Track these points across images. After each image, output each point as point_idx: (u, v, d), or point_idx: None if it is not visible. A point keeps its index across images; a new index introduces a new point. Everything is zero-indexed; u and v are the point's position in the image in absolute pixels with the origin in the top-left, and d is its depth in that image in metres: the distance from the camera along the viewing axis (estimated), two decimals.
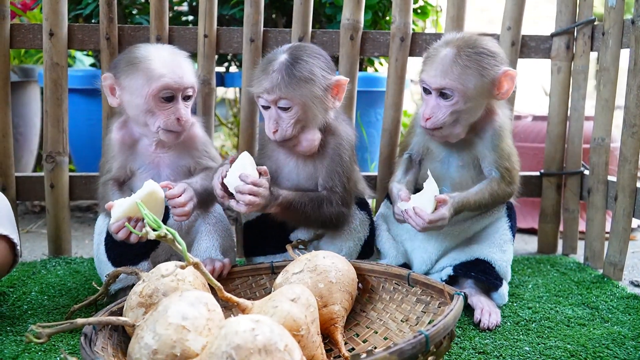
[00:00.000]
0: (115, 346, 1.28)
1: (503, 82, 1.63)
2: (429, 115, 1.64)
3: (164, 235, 1.18)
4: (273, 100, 1.59)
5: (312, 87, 1.58)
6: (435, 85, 1.62)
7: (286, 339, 1.04)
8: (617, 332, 1.53)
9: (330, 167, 1.67)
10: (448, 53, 1.61)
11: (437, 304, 1.38)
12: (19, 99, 2.99)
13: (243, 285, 1.61)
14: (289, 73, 1.57)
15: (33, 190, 2.16)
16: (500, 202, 1.75)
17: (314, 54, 1.63)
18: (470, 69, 1.59)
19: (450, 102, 1.62)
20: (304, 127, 1.63)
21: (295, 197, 1.62)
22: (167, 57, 1.62)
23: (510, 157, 1.72)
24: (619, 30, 1.99)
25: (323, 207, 1.65)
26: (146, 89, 1.58)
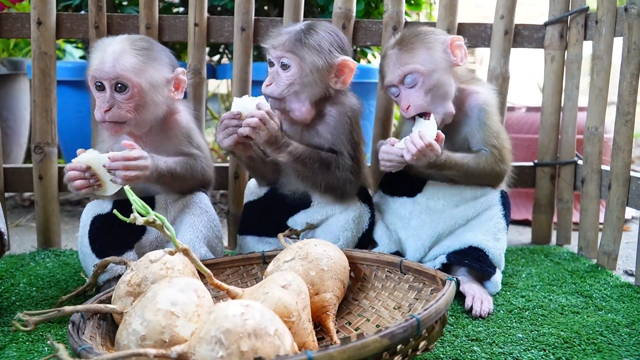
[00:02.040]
0: (103, 335, 1.26)
1: (454, 49, 1.70)
2: (407, 104, 1.68)
3: (152, 221, 1.16)
4: (277, 57, 1.65)
5: (314, 56, 1.63)
6: (396, 79, 1.68)
7: (276, 323, 1.02)
8: (611, 319, 1.52)
9: (334, 133, 1.69)
10: (393, 51, 1.71)
11: (430, 291, 1.37)
12: (8, 92, 2.96)
13: (234, 275, 1.59)
14: (298, 37, 1.65)
15: (22, 181, 2.14)
16: (489, 179, 1.75)
17: (330, 31, 1.70)
18: (418, 49, 1.68)
19: (418, 86, 1.67)
20: (297, 93, 1.65)
21: (306, 150, 1.65)
22: (109, 47, 1.58)
23: (499, 135, 1.74)
24: (612, 18, 1.98)
25: (331, 169, 1.67)
26: (88, 75, 1.60)
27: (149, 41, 1.66)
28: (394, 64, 1.69)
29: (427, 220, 1.75)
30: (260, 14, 2.59)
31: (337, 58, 1.67)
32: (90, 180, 1.52)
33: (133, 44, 1.60)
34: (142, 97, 1.59)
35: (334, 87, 1.69)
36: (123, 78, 1.56)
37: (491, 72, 2.20)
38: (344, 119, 1.70)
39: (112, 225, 1.62)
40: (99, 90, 1.59)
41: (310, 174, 1.66)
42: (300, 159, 1.64)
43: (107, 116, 1.57)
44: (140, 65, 1.58)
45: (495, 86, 2.18)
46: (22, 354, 1.34)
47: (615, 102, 1.92)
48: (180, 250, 1.18)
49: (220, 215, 2.72)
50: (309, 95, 1.67)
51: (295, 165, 1.65)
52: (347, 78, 1.69)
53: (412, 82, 1.67)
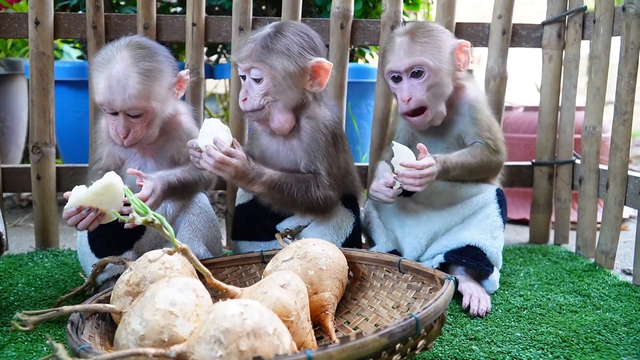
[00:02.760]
0: (102, 335, 1.26)
1: (459, 54, 1.71)
2: (408, 95, 1.67)
3: (151, 220, 1.16)
4: (246, 69, 1.59)
5: (284, 61, 1.56)
6: (403, 66, 1.67)
7: (275, 323, 1.02)
8: (609, 318, 1.52)
9: (308, 150, 1.64)
10: (403, 38, 1.69)
11: (428, 290, 1.37)
12: (5, 92, 2.96)
13: (232, 275, 1.59)
14: (264, 44, 1.56)
15: (19, 181, 2.13)
16: (487, 170, 1.76)
17: (299, 32, 1.61)
18: (429, 44, 1.67)
19: (423, 79, 1.67)
20: (275, 103, 1.60)
21: (281, 177, 1.60)
22: (116, 68, 1.53)
23: (491, 128, 1.76)
24: (610, 18, 1.98)
25: (310, 189, 1.61)
26: (94, 97, 1.59)
27: (151, 54, 1.59)
28: (404, 52, 1.67)
29: (423, 218, 1.76)
30: (258, 14, 2.60)
31: (309, 60, 1.59)
32: (90, 214, 1.47)
33: (136, 64, 1.54)
34: (153, 115, 1.60)
35: (311, 90, 1.62)
36: (136, 107, 1.55)
37: (489, 71, 2.20)
38: (317, 135, 1.63)
39: (111, 224, 1.61)
40: (110, 113, 1.58)
41: (288, 200, 1.61)
42: (276, 187, 1.58)
43: (126, 142, 1.59)
44: (148, 89, 1.55)
45: (493, 86, 2.19)
46: (21, 353, 1.34)
47: (613, 101, 1.92)
48: (179, 250, 1.18)
49: (218, 215, 2.73)
50: (285, 103, 1.61)
51: (272, 193, 1.60)
52: (323, 80, 1.62)
53: (418, 74, 1.66)
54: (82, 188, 1.47)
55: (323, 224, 1.70)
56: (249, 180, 1.54)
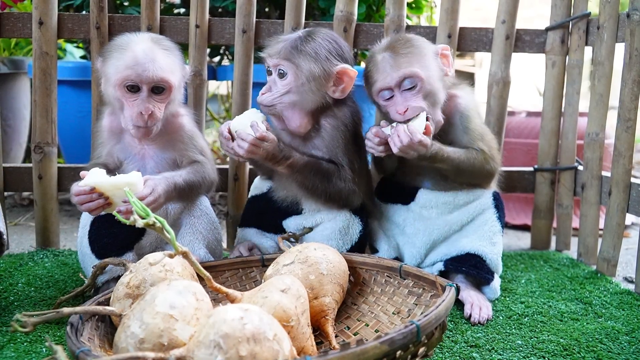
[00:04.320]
0: (102, 337, 1.26)
1: (442, 57, 1.69)
2: (404, 107, 1.62)
3: (152, 223, 1.16)
4: (274, 65, 1.63)
5: (310, 64, 1.60)
6: (394, 81, 1.62)
7: (275, 328, 1.02)
8: (610, 327, 1.52)
9: (329, 147, 1.66)
10: (385, 54, 1.66)
11: (429, 296, 1.37)
12: (8, 91, 2.96)
13: (233, 278, 1.58)
14: (294, 45, 1.61)
15: (21, 181, 2.13)
16: (479, 176, 1.74)
17: (328, 38, 1.66)
18: (413, 54, 1.64)
19: (416, 90, 1.62)
20: (294, 103, 1.62)
21: (308, 161, 1.63)
22: (141, 46, 1.56)
23: (484, 137, 1.74)
24: (614, 24, 1.98)
25: (333, 179, 1.64)
26: (114, 77, 1.56)
27: (167, 39, 1.65)
28: (390, 67, 1.63)
29: (421, 227, 1.75)
30: (262, 16, 2.59)
31: (335, 66, 1.62)
32: (99, 200, 1.48)
33: (159, 42, 1.60)
34: (172, 95, 1.61)
35: (333, 95, 1.64)
36: (163, 81, 1.56)
37: (492, 76, 2.20)
38: (337, 133, 1.66)
39: (112, 226, 1.61)
40: (133, 92, 1.56)
41: (310, 185, 1.64)
42: (300, 170, 1.62)
43: (150, 122, 1.57)
44: (172, 64, 1.60)
45: (495, 91, 2.18)
46: (20, 354, 1.33)
47: (616, 106, 1.91)
48: (179, 253, 1.18)
49: (219, 217, 2.72)
50: (305, 105, 1.63)
51: (295, 176, 1.64)
52: (346, 87, 1.64)
53: (409, 86, 1.62)
54: (101, 172, 1.48)
55: (329, 228, 1.70)
56: (277, 160, 1.60)
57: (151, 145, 1.67)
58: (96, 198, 1.47)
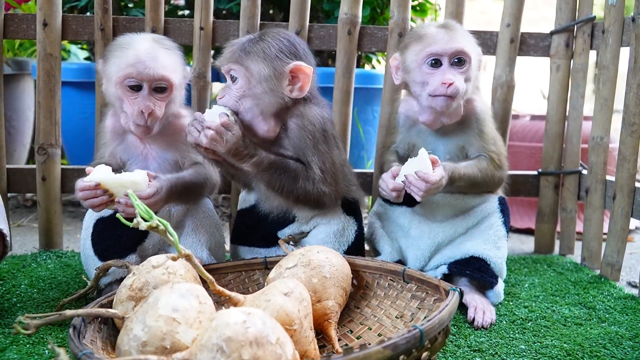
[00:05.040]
0: (104, 339, 1.25)
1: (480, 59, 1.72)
2: (451, 79, 1.61)
3: (155, 226, 1.16)
4: (226, 71, 1.59)
5: (259, 64, 1.54)
6: (451, 50, 1.64)
7: (278, 332, 1.02)
8: (614, 332, 1.51)
9: (297, 147, 1.60)
10: (446, 24, 1.69)
11: (433, 300, 1.36)
12: (12, 92, 2.96)
13: (236, 281, 1.58)
14: (242, 47, 1.56)
15: (24, 182, 2.13)
16: (490, 185, 1.74)
17: (279, 37, 1.59)
18: (468, 37, 1.68)
19: (464, 69, 1.65)
20: (253, 107, 1.56)
21: (274, 160, 1.57)
22: (143, 45, 1.58)
23: (496, 142, 1.75)
24: (619, 29, 1.97)
25: (299, 180, 1.58)
26: (116, 75, 1.57)
27: (169, 40, 1.68)
28: (449, 37, 1.64)
29: (426, 230, 1.75)
30: (266, 19, 2.59)
31: (287, 64, 1.55)
32: (103, 197, 1.48)
33: (160, 42, 1.62)
34: (173, 95, 1.62)
35: (291, 95, 1.58)
36: (164, 79, 1.57)
37: (496, 80, 2.19)
38: (303, 133, 1.60)
39: (115, 228, 1.61)
40: (134, 90, 1.57)
41: (278, 185, 1.57)
42: (266, 169, 1.56)
43: (150, 121, 1.58)
44: (174, 63, 1.61)
45: (500, 94, 2.18)
46: (23, 356, 1.33)
47: (620, 110, 1.91)
48: (182, 256, 1.18)
49: (222, 219, 2.73)
50: (264, 108, 1.57)
51: (262, 175, 1.57)
52: (303, 84, 1.57)
53: (459, 63, 1.64)
54: (107, 169, 1.49)
55: (324, 232, 1.69)
56: (242, 157, 1.53)
57: (153, 146, 1.68)
58: (100, 194, 1.48)
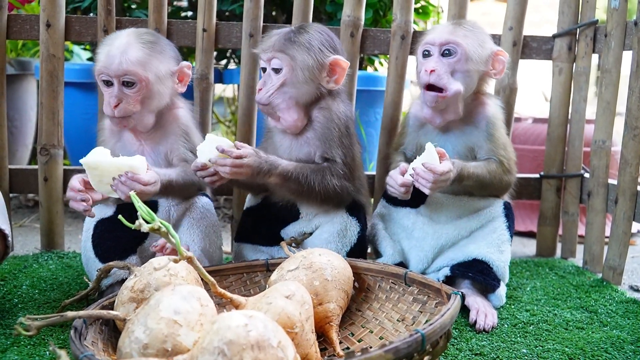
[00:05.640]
0: (105, 341, 1.26)
1: (496, 62, 1.71)
2: (433, 66, 1.65)
3: (157, 228, 1.16)
4: (268, 59, 1.64)
5: (304, 54, 1.62)
6: (439, 40, 1.67)
7: (280, 335, 1.01)
8: (616, 336, 1.51)
9: (322, 139, 1.66)
10: (449, 24, 1.72)
11: (434, 304, 1.36)
12: (15, 92, 2.96)
13: (237, 282, 1.58)
14: (287, 37, 1.63)
15: (27, 183, 2.14)
16: (498, 188, 1.74)
17: (320, 30, 1.69)
18: (473, 34, 1.69)
19: (453, 59, 1.66)
20: (290, 97, 1.63)
21: (296, 167, 1.61)
22: (118, 40, 1.61)
23: (506, 147, 1.75)
24: (621, 32, 1.97)
25: (326, 178, 1.62)
26: (94, 72, 1.63)
27: (154, 35, 1.69)
28: (446, 30, 1.69)
29: (430, 231, 1.74)
30: (268, 20, 2.59)
31: (328, 57, 1.65)
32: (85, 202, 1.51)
33: (139, 37, 1.63)
34: (148, 89, 1.62)
35: (327, 86, 1.66)
36: (130, 74, 1.59)
37: (499, 82, 2.19)
38: (331, 124, 1.66)
39: (116, 229, 1.62)
40: (107, 86, 1.61)
41: (303, 190, 1.61)
42: (291, 177, 1.59)
43: (116, 112, 1.60)
44: (146, 58, 1.61)
45: (502, 97, 2.18)
46: (24, 357, 1.33)
47: (622, 112, 1.91)
48: (184, 258, 1.18)
49: (223, 220, 2.73)
50: (300, 98, 1.64)
51: (288, 185, 1.61)
52: (339, 78, 1.67)
53: (449, 54, 1.66)
54: (106, 152, 1.50)
55: (327, 231, 1.70)
56: (265, 173, 1.56)
57: (148, 141, 1.69)
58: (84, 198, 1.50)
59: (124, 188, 1.47)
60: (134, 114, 1.62)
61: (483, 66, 1.70)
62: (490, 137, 1.73)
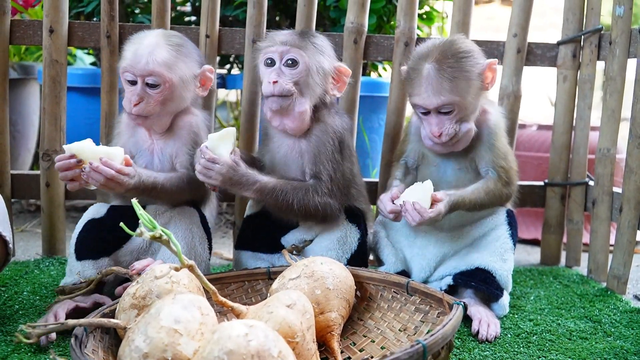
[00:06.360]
0: (106, 349, 1.25)
1: (487, 74, 1.68)
2: (438, 131, 1.64)
3: (159, 236, 1.15)
4: (282, 52, 1.62)
5: (320, 55, 1.64)
6: (432, 105, 1.64)
7: (280, 345, 1.01)
8: (619, 346, 1.50)
9: (314, 153, 1.66)
10: (430, 70, 1.62)
11: (436, 314, 1.35)
12: (18, 96, 2.96)
13: (238, 291, 1.57)
14: (304, 36, 1.65)
15: (28, 188, 2.13)
16: (497, 203, 1.74)
17: (325, 38, 1.71)
18: (458, 79, 1.62)
19: (452, 115, 1.64)
20: (301, 94, 1.62)
21: (276, 184, 1.60)
22: (146, 40, 1.62)
23: (507, 157, 1.74)
24: (626, 40, 1.96)
25: (308, 196, 1.62)
26: (119, 69, 1.65)
27: (182, 37, 1.70)
28: (432, 89, 1.61)
29: (432, 240, 1.73)
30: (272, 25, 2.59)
31: (336, 63, 1.68)
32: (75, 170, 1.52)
33: (167, 39, 1.65)
34: (171, 92, 1.63)
35: (331, 93, 1.68)
36: (156, 74, 1.60)
37: (503, 90, 2.18)
38: (326, 139, 1.66)
39: (101, 230, 1.63)
40: (131, 85, 1.62)
41: (283, 206, 1.61)
42: (271, 194, 1.59)
43: (135, 110, 1.60)
44: (172, 60, 1.62)
45: (506, 104, 2.17)
46: None
47: (628, 118, 1.90)
48: (185, 267, 1.17)
49: (226, 227, 2.72)
50: (309, 100, 1.64)
51: (267, 199, 1.61)
52: (342, 86, 1.69)
53: (446, 110, 1.63)
54: (89, 142, 1.53)
55: (328, 239, 1.69)
56: (240, 186, 1.57)
57: (159, 142, 1.69)
58: (73, 165, 1.51)
59: (96, 175, 1.48)
60: (152, 115, 1.62)
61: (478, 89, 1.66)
62: (492, 147, 1.71)
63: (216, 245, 2.39)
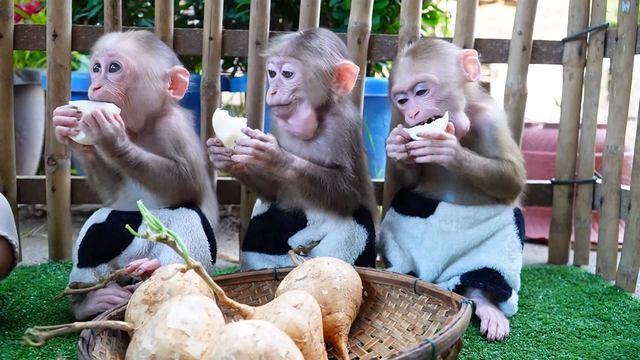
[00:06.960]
0: (113, 351, 1.24)
1: (467, 65, 1.68)
2: (415, 111, 1.64)
3: (165, 237, 1.15)
4: (279, 63, 1.63)
5: (317, 59, 1.62)
6: (406, 86, 1.65)
7: (288, 345, 1.00)
8: (629, 344, 1.48)
9: (334, 145, 1.66)
10: (405, 59, 1.67)
11: (445, 313, 1.34)
12: (23, 102, 2.97)
13: (245, 292, 1.57)
14: (299, 42, 1.64)
15: (34, 193, 2.13)
16: (506, 186, 1.70)
17: (329, 35, 1.70)
18: (431, 58, 1.65)
19: (428, 95, 1.64)
20: (301, 101, 1.63)
21: (309, 165, 1.62)
22: (115, 33, 1.68)
23: (513, 150, 1.73)
24: (632, 36, 1.95)
25: (338, 181, 1.63)
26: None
27: (152, 36, 1.72)
28: (405, 71, 1.65)
29: (440, 242, 1.72)
30: (275, 27, 2.59)
31: (338, 62, 1.65)
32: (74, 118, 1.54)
33: (135, 34, 1.68)
34: (133, 80, 1.60)
35: (336, 92, 1.67)
36: (117, 57, 1.59)
37: (508, 88, 2.17)
38: (343, 131, 1.67)
39: (102, 236, 1.62)
40: (96, 72, 1.62)
41: (315, 190, 1.62)
42: (305, 174, 1.60)
43: (96, 94, 1.59)
44: (137, 49, 1.62)
45: (512, 103, 2.16)
46: None
47: (635, 116, 1.88)
48: (191, 268, 1.17)
49: (231, 229, 2.72)
50: (312, 102, 1.64)
51: (301, 182, 1.61)
52: (348, 83, 1.67)
53: (422, 89, 1.63)
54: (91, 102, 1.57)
55: (335, 240, 1.68)
56: (283, 163, 1.58)
57: (140, 145, 1.62)
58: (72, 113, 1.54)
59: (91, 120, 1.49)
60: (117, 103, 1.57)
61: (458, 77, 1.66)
62: (496, 142, 1.70)
63: (222, 248, 2.39)
